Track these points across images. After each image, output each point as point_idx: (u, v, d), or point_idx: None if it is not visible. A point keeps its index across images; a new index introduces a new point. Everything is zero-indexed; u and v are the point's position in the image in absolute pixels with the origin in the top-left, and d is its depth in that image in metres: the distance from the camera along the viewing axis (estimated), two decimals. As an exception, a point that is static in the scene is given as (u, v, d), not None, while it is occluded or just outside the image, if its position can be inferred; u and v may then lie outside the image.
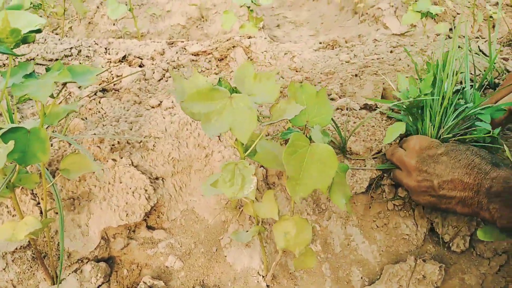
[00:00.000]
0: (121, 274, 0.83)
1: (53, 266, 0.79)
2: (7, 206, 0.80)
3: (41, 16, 2.05)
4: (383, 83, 1.12)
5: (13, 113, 0.81)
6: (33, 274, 0.80)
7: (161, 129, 0.94)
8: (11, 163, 0.64)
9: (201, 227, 0.91)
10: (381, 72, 1.19)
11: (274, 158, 0.69)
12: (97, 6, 2.29)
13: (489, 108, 0.85)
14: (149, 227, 0.89)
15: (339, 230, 0.91)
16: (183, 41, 1.47)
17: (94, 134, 0.88)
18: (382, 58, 1.32)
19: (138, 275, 0.84)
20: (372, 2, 2.50)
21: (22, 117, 0.97)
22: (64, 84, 0.67)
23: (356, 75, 1.20)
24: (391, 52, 1.36)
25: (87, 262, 0.81)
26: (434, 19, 2.03)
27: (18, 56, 0.63)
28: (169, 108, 1.00)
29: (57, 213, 0.81)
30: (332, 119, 0.90)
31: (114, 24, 2.16)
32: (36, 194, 0.81)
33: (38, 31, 0.57)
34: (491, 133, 0.82)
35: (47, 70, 0.68)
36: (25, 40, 0.59)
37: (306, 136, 0.65)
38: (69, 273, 0.79)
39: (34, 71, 0.67)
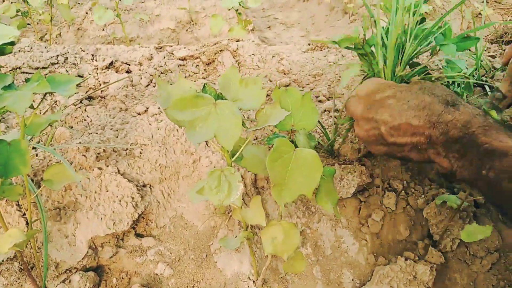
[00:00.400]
0: (110, 283, 0.83)
1: (41, 277, 0.78)
2: (-8, 218, 0.79)
3: (28, 24, 2.04)
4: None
5: (-4, 124, 0.80)
6: (21, 285, 0.79)
7: (147, 136, 0.93)
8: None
9: (190, 233, 0.90)
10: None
11: (261, 163, 0.68)
12: (85, 12, 2.28)
13: (456, 37, 0.75)
14: (138, 235, 0.89)
15: (329, 232, 0.90)
16: (171, 46, 1.47)
17: (80, 143, 0.87)
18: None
19: (128, 283, 0.83)
20: (362, 2, 2.51)
21: (7, 127, 0.96)
22: (45, 94, 0.67)
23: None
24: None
25: (75, 272, 0.80)
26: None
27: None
28: (156, 114, 1.00)
29: (41, 223, 0.80)
30: (319, 121, 0.90)
31: (103, 30, 2.15)
32: (21, 205, 0.80)
33: (12, 43, 0.56)
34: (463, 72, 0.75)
35: (27, 81, 0.67)
36: (2, 52, 0.59)
37: (291, 141, 0.65)
38: (58, 284, 0.78)
39: (13, 82, 0.66)
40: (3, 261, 0.78)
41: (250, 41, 1.34)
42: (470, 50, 1.30)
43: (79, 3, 2.69)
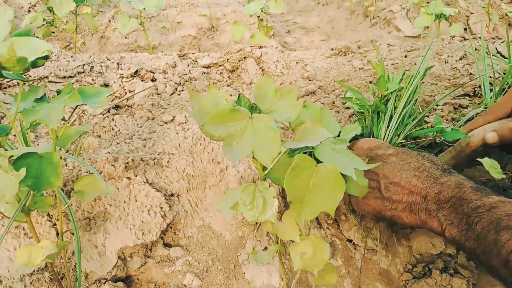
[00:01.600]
0: (138, 294, 0.82)
1: (71, 287, 0.78)
2: (23, 228, 0.80)
3: (53, 32, 2.08)
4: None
5: (27, 134, 0.81)
6: (51, 296, 0.79)
7: (175, 145, 0.93)
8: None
9: (218, 243, 0.89)
10: (396, 78, 1.17)
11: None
12: (108, 20, 2.32)
13: (454, 130, 0.85)
14: (166, 245, 0.88)
15: (360, 243, 0.88)
16: (194, 53, 1.47)
17: (108, 152, 0.87)
18: (397, 63, 1.29)
19: (156, 294, 0.82)
20: (383, 5, 2.47)
21: (37, 136, 0.98)
22: (76, 106, 0.67)
23: (371, 82, 1.17)
24: (405, 56, 1.33)
25: (104, 283, 0.80)
26: (447, 20, 1.99)
27: (26, 81, 0.63)
28: (182, 123, 0.99)
29: (73, 234, 0.80)
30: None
31: (126, 38, 2.18)
32: (52, 215, 0.81)
33: (46, 57, 0.56)
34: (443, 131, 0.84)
35: (58, 93, 0.68)
36: (34, 65, 0.59)
37: (311, 154, 0.63)
38: (87, 295, 0.78)
39: (45, 94, 0.67)
40: (34, 271, 0.79)
41: (273, 48, 1.33)
42: (501, 55, 1.26)
43: (101, 11, 2.74)
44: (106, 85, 1.24)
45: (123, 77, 1.27)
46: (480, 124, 0.82)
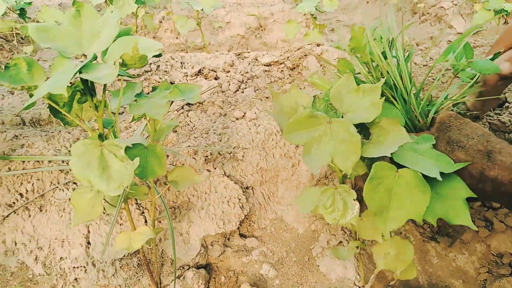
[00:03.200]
0: (219, 280, 0.86)
1: (158, 272, 0.83)
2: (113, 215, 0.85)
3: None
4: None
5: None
6: (139, 280, 0.84)
7: (248, 140, 0.96)
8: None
9: (291, 236, 0.92)
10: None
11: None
12: (159, 21, 2.40)
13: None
14: (242, 235, 0.92)
15: (435, 240, 0.88)
16: (249, 52, 1.51)
17: (189, 146, 0.92)
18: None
19: (235, 282, 0.86)
20: (433, 2, 2.42)
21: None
22: (172, 101, 0.71)
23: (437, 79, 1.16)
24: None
25: (188, 269, 0.84)
26: (508, 16, 1.92)
27: (132, 77, 0.68)
28: (253, 119, 1.03)
29: (160, 222, 0.85)
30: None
31: (177, 38, 2.25)
32: (140, 203, 0.86)
33: (159, 55, 0.61)
34: None
35: (154, 89, 0.73)
36: (143, 62, 0.63)
37: (391, 160, 0.59)
38: (173, 279, 0.83)
39: (142, 90, 0.72)
40: (124, 256, 0.84)
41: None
42: None
43: (147, 13, 2.84)
44: (172, 83, 1.30)
45: (187, 75, 1.32)
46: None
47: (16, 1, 1.67)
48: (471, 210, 0.89)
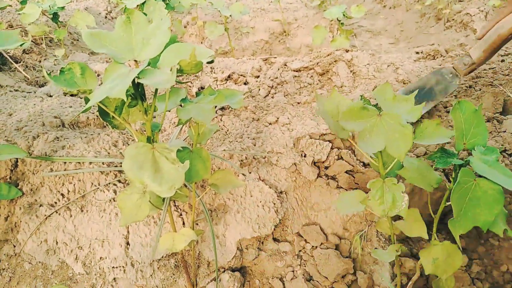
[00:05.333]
0: (253, 284, 0.87)
1: (194, 274, 0.84)
2: (153, 216, 0.87)
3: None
4: (504, 95, 1.07)
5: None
6: (175, 281, 0.86)
7: (282, 144, 0.97)
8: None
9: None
10: (497, 83, 1.14)
11: (422, 177, 0.68)
12: (184, 26, 2.44)
13: None
14: (275, 239, 0.92)
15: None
16: (275, 57, 1.52)
17: (224, 150, 0.93)
18: (494, 68, 1.25)
19: (270, 286, 0.87)
20: (459, 8, 2.40)
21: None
22: (216, 106, 0.73)
23: (470, 87, 1.15)
24: (502, 61, 1.30)
25: (224, 271, 0.85)
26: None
27: (182, 83, 0.70)
28: (286, 124, 1.04)
29: (197, 224, 0.87)
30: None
31: (201, 42, 2.28)
32: (177, 206, 0.88)
33: (211, 61, 0.62)
34: None
35: (197, 94, 0.74)
36: (198, 69, 0.65)
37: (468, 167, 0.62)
38: (209, 281, 0.84)
39: (187, 96, 0.73)
40: (162, 257, 0.86)
41: (363, 51, 1.35)
42: None
43: (176, 18, 2.89)
44: (202, 88, 1.32)
45: (217, 80, 1.34)
46: (507, 14, 0.86)
47: (50, 6, 1.72)
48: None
